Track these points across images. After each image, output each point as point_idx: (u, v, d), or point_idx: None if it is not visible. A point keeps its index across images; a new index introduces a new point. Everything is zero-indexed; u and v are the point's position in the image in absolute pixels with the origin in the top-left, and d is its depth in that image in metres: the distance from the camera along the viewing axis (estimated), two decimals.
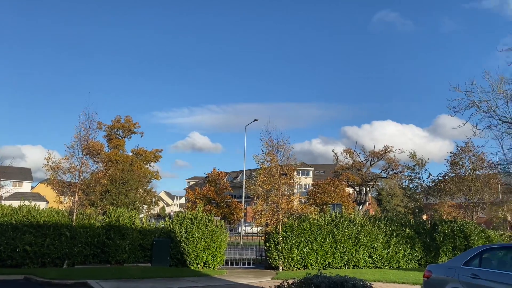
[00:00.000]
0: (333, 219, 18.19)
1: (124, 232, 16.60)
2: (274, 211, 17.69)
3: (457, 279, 7.79)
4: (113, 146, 57.42)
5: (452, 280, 7.88)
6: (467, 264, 7.92)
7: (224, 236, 17.76)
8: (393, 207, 65.25)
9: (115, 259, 16.30)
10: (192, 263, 16.94)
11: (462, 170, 27.19)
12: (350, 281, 7.14)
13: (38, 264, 15.15)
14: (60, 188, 17.37)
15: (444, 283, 8.04)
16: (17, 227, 15.17)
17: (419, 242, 18.80)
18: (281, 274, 15.23)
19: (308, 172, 75.38)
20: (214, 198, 48.78)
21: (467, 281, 7.55)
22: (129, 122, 59.88)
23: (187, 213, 18.13)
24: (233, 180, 77.56)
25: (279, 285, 7.27)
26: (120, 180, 40.78)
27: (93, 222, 16.68)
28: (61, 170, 17.04)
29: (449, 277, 8.01)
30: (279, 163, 18.19)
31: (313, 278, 7.23)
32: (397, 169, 48.99)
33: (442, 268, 8.73)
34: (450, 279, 7.97)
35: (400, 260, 18.40)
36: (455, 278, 7.85)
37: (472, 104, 17.07)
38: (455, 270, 7.99)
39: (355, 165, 50.85)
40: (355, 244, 17.85)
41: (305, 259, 17.19)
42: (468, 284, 7.49)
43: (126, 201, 38.63)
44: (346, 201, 46.44)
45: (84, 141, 17.18)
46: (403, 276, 14.97)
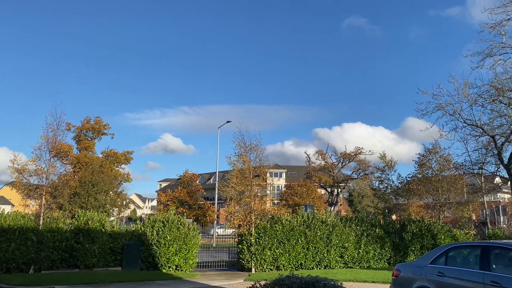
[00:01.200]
0: (305, 220, 18.36)
1: (93, 235, 16.22)
2: (247, 212, 17.69)
3: (424, 277, 8.02)
4: (82, 147, 56.09)
5: (420, 278, 8.10)
6: (433, 263, 8.15)
7: (197, 238, 17.63)
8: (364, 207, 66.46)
9: (84, 263, 15.91)
10: (164, 266, 16.72)
11: (429, 171, 28.05)
12: (321, 281, 7.22)
13: (3, 270, 14.62)
14: (26, 191, 16.83)
15: (412, 281, 8.26)
16: None
17: (389, 241, 19.22)
18: (253, 276, 15.26)
19: (280, 174, 75.87)
20: (187, 200, 48.33)
21: (434, 279, 7.78)
22: (99, 123, 58.68)
23: (159, 216, 17.91)
24: (205, 182, 77.13)
25: (251, 286, 7.28)
26: (90, 182, 39.93)
27: (61, 226, 16.23)
28: (27, 173, 16.52)
29: (417, 276, 8.23)
30: (252, 164, 18.23)
31: (285, 279, 7.27)
32: (367, 170, 49.97)
33: (410, 266, 8.96)
34: (417, 277, 8.19)
35: (371, 260, 18.75)
36: (422, 276, 8.07)
37: (439, 107, 17.67)
38: (423, 268, 8.22)
39: (327, 167, 51.51)
40: (326, 244, 18.07)
41: (277, 260, 17.27)
42: (435, 282, 7.72)
43: (96, 204, 37.83)
44: (318, 202, 47.02)
45: (51, 143, 16.70)
46: (373, 276, 15.26)
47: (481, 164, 23.31)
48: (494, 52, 15.09)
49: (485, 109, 16.99)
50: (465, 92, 17.12)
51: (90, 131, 58.26)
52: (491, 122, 17.32)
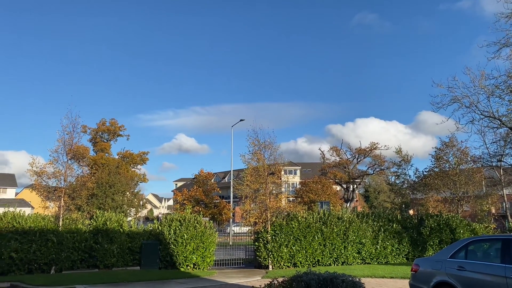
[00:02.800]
0: (322, 217, 18.30)
1: (112, 236, 16.44)
2: (262, 210, 17.71)
3: (444, 272, 7.92)
4: (98, 149, 56.83)
5: (439, 273, 8.00)
6: (453, 257, 8.05)
7: (213, 236, 17.72)
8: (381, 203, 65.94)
9: (104, 263, 16.15)
10: (181, 265, 16.86)
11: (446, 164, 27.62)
12: (339, 277, 7.19)
13: (25, 270, 14.92)
14: (45, 193, 17.12)
15: (432, 276, 8.16)
16: (1, 234, 14.92)
17: (406, 236, 19.03)
18: (271, 273, 15.26)
19: (295, 171, 75.67)
20: (202, 199, 48.57)
21: (454, 273, 7.68)
22: (114, 125, 59.33)
23: (176, 215, 18.05)
24: (220, 181, 77.40)
25: (269, 284, 7.28)
26: (107, 183, 40.37)
27: (80, 227, 16.49)
28: (45, 175, 16.80)
29: (436, 270, 8.14)
30: (266, 162, 18.22)
31: (302, 276, 7.26)
32: (383, 165, 49.40)
33: (429, 261, 8.85)
34: (437, 272, 8.10)
35: (388, 255, 18.59)
36: (442, 271, 7.97)
37: (455, 100, 17.36)
38: (442, 263, 8.12)
39: (342, 163, 51.11)
40: (343, 241, 17.98)
41: (294, 257, 17.25)
42: (455, 276, 7.62)
43: (113, 205, 38.27)
44: (333, 199, 46.71)
45: (68, 145, 16.95)
46: (391, 271, 15.13)
47: (500, 156, 22.88)
48: (511, 42, 14.76)
49: (503, 100, 16.62)
50: (481, 83, 16.79)
51: (106, 133, 58.97)
52: (509, 113, 16.95)
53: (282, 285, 7.11)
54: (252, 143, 18.51)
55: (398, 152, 38.00)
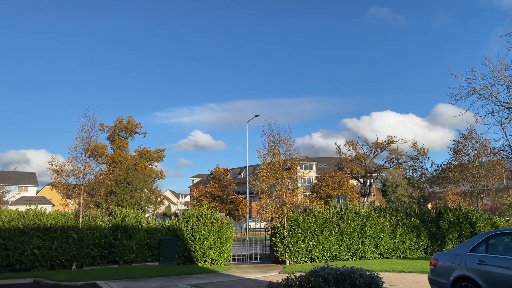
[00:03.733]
0: (338, 212, 18.23)
1: (130, 232, 16.68)
2: (279, 205, 17.72)
3: (464, 266, 7.81)
4: (116, 147, 57.58)
5: (459, 267, 7.90)
6: (473, 251, 7.93)
7: (230, 232, 17.83)
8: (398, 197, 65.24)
9: (123, 259, 16.40)
10: (199, 260, 17.02)
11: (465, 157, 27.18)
12: (357, 272, 7.16)
13: (47, 267, 15.25)
14: (65, 190, 17.43)
15: (451, 270, 8.06)
16: (24, 231, 15.26)
17: (425, 231, 18.83)
18: (288, 268, 15.29)
19: (311, 166, 75.47)
20: (219, 194, 48.84)
21: (474, 267, 7.58)
22: (131, 122, 60.00)
23: (193, 211, 18.19)
24: (236, 177, 77.66)
25: (286, 278, 7.28)
26: (125, 180, 40.92)
27: (100, 223, 16.76)
28: (65, 173, 17.08)
29: (456, 264, 8.03)
30: (281, 157, 18.20)
31: (320, 271, 7.25)
32: (400, 159, 48.86)
33: (448, 255, 8.74)
34: (457, 266, 7.99)
35: (407, 250, 18.43)
36: (462, 265, 7.87)
37: (473, 91, 17.03)
38: (462, 257, 8.01)
39: (359, 157, 50.72)
40: (361, 235, 17.89)
41: (311, 252, 17.24)
42: (475, 271, 7.52)
43: (131, 201, 38.79)
44: (350, 193, 46.48)
45: (86, 143, 17.21)
46: (410, 265, 15.00)
47: None
48: None
49: None
50: (501, 74, 16.41)
51: (123, 131, 59.70)
52: None
53: (300, 280, 7.11)
54: (267, 138, 18.51)
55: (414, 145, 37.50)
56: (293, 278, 7.23)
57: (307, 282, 7.00)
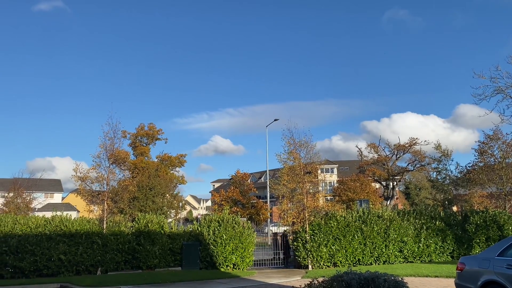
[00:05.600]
0: (361, 216, 18.01)
1: (153, 237, 16.87)
2: (300, 210, 17.63)
3: (492, 270, 7.60)
4: (138, 153, 58.39)
5: (487, 272, 7.69)
6: (502, 255, 7.71)
7: (252, 236, 17.83)
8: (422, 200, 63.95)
9: (146, 264, 16.59)
10: (221, 265, 17.07)
11: (491, 158, 26.48)
12: (381, 276, 7.05)
13: (73, 272, 15.56)
14: (90, 197, 17.78)
15: (479, 275, 7.86)
16: (51, 237, 15.63)
17: (451, 234, 18.42)
18: (310, 273, 15.18)
19: (332, 169, 74.82)
20: (240, 199, 48.91)
21: (503, 272, 7.36)
22: (152, 129, 60.77)
23: (214, 216, 18.28)
24: (257, 181, 77.62)
25: (309, 283, 7.24)
26: (147, 186, 41.41)
27: (123, 229, 17.01)
28: (89, 180, 17.44)
29: (484, 269, 7.82)
30: (302, 161, 18.13)
31: (343, 275, 7.17)
32: (423, 161, 47.96)
33: (475, 259, 8.52)
34: (484, 270, 7.78)
35: (432, 254, 18.06)
36: (490, 270, 7.66)
37: (498, 91, 16.66)
38: (490, 261, 7.80)
39: (380, 160, 50.02)
40: (384, 239, 17.63)
41: (334, 257, 17.08)
42: (504, 275, 7.30)
43: (154, 207, 39.22)
44: (373, 197, 45.83)
45: (109, 150, 17.53)
46: (435, 270, 14.69)
47: None
48: None
49: None
50: None
51: (145, 137, 60.51)
52: None
53: (323, 285, 7.06)
54: (287, 142, 18.48)
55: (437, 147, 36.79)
56: (315, 283, 7.19)
57: (331, 287, 6.94)
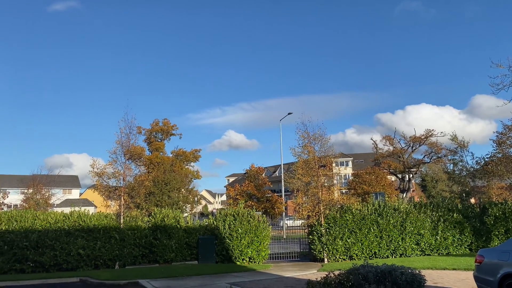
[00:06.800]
0: (377, 208, 17.90)
1: (170, 231, 17.04)
2: (315, 203, 17.60)
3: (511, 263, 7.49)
4: (153, 149, 58.91)
5: (507, 264, 7.59)
6: None
7: (267, 230, 17.87)
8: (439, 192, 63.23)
9: (163, 258, 16.78)
10: (237, 259, 17.16)
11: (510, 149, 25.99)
12: (398, 269, 7.01)
13: (92, 266, 15.83)
14: (107, 192, 18.02)
15: (498, 267, 7.75)
16: (69, 232, 15.91)
17: (469, 226, 18.18)
18: (326, 266, 15.17)
19: (347, 162, 74.41)
20: (254, 193, 49.06)
21: None
22: (167, 125, 61.21)
23: (229, 210, 18.36)
24: (271, 175, 77.70)
25: (325, 277, 7.24)
26: (163, 181, 41.79)
27: (140, 224, 17.22)
28: (106, 176, 17.66)
29: (503, 261, 7.72)
30: (316, 155, 18.06)
31: (359, 268, 7.15)
32: (440, 153, 47.33)
33: (495, 252, 8.40)
34: (504, 263, 7.68)
35: (449, 246, 17.87)
36: (509, 262, 7.55)
37: None
38: (509, 253, 7.69)
39: (396, 152, 49.53)
40: (401, 232, 17.49)
41: (350, 250, 17.02)
42: None
43: (169, 202, 39.59)
44: (388, 189, 45.51)
45: (125, 146, 17.72)
46: (453, 262, 14.53)
47: None
48: None
49: None
50: None
51: (160, 133, 61.02)
52: None
53: (339, 278, 7.05)
54: (301, 136, 18.42)
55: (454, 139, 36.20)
56: (332, 276, 7.18)
57: (347, 280, 6.93)
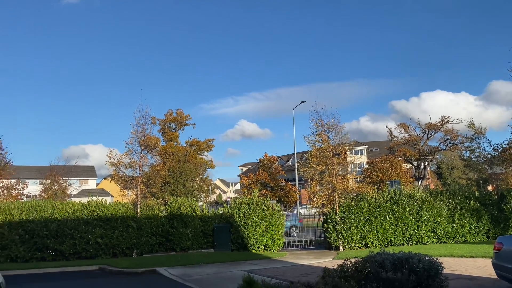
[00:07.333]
0: (392, 196, 17.80)
1: (186, 220, 17.24)
2: (330, 191, 17.57)
3: None
4: (167, 139, 59.30)
5: None
6: None
7: (282, 218, 17.95)
8: (455, 180, 62.49)
9: (180, 246, 17.01)
10: (252, 247, 17.30)
11: None
12: (415, 257, 6.99)
13: (110, 254, 16.14)
14: (123, 182, 18.28)
15: None
16: (88, 221, 16.21)
17: (486, 214, 17.97)
18: (342, 254, 15.20)
19: (361, 151, 73.88)
20: (268, 182, 49.10)
21: None
22: (180, 115, 61.45)
23: (244, 199, 18.46)
24: (284, 164, 77.63)
25: (341, 264, 7.25)
26: (178, 171, 42.10)
27: (157, 213, 17.44)
28: (122, 166, 17.91)
29: None
30: (331, 143, 17.96)
31: (376, 256, 7.14)
32: (456, 140, 46.63)
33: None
34: None
35: (466, 234, 17.71)
36: None
37: None
38: None
39: (411, 140, 48.97)
40: (416, 220, 17.39)
41: (365, 238, 17.00)
42: None
43: (184, 191, 39.92)
44: (404, 177, 45.12)
45: (141, 137, 17.90)
46: (470, 250, 14.41)
47: None
48: None
49: None
50: None
51: (173, 123, 61.31)
52: None
53: (356, 266, 7.05)
54: (315, 124, 18.32)
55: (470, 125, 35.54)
56: (348, 263, 7.19)
57: (363, 267, 6.93)
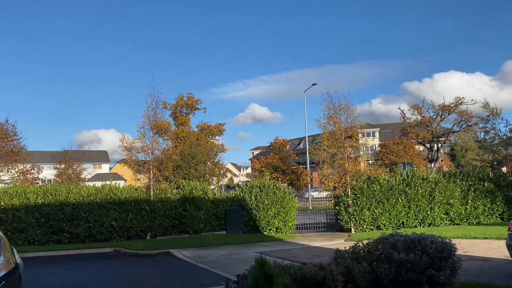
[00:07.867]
0: (405, 179, 17.69)
1: (198, 203, 17.41)
2: (341, 174, 17.52)
3: None
4: (179, 123, 59.59)
5: None
6: None
7: (293, 201, 18.01)
8: (469, 161, 61.80)
9: (193, 229, 17.22)
10: (264, 229, 17.43)
11: None
12: (427, 238, 6.97)
13: (124, 237, 16.41)
14: (136, 166, 18.46)
15: None
16: (102, 205, 16.46)
17: (500, 195, 17.79)
18: (354, 236, 15.24)
19: (373, 133, 73.27)
20: (279, 165, 49.20)
21: None
22: (191, 99, 61.57)
23: (255, 182, 18.54)
24: (296, 147, 77.47)
25: (354, 245, 7.26)
26: (189, 155, 42.40)
27: (169, 196, 17.64)
28: (135, 150, 18.05)
29: None
30: (342, 126, 17.84)
31: (388, 237, 7.14)
32: (470, 121, 45.95)
33: None
34: None
35: (480, 216, 17.59)
36: None
37: None
38: None
39: (424, 121, 48.40)
40: (429, 202, 17.30)
41: (377, 220, 17.00)
42: None
43: (196, 175, 40.24)
44: (417, 160, 44.75)
45: (152, 121, 17.98)
46: (484, 232, 14.32)
47: None
48: None
49: None
50: None
51: (184, 107, 61.52)
52: None
53: (368, 247, 7.06)
54: (327, 106, 18.17)
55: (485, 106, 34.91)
56: (360, 245, 7.19)
57: (376, 249, 6.94)
